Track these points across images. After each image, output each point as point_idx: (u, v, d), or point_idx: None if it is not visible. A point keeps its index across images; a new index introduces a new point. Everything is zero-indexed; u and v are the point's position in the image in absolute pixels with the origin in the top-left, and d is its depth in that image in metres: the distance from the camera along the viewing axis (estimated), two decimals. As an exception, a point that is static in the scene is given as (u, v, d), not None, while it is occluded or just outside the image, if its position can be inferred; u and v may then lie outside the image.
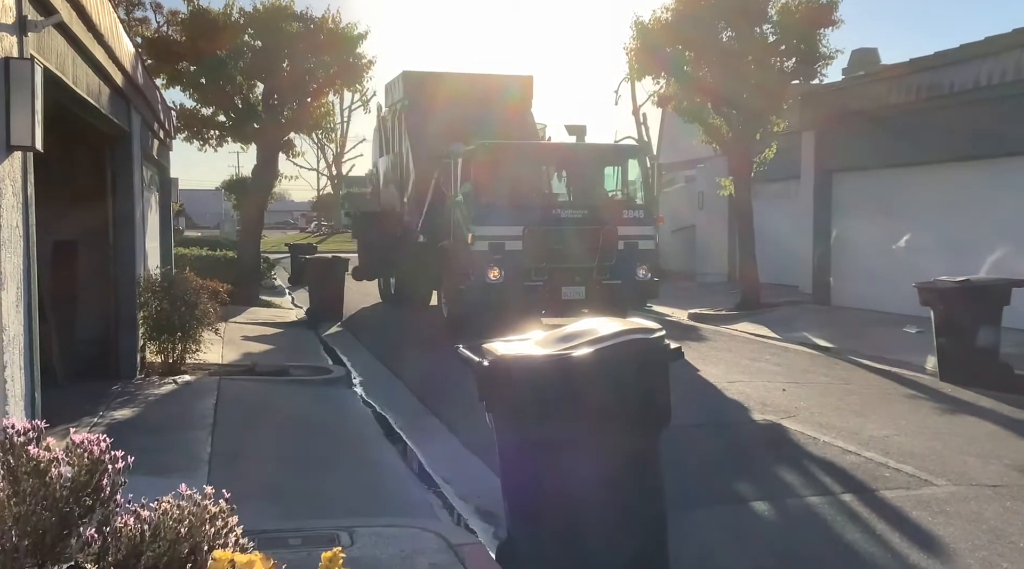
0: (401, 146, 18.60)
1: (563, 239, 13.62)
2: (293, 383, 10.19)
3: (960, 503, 6.00)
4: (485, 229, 13.54)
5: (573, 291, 13.66)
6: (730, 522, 5.72)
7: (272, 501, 5.60)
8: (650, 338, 4.27)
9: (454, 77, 18.70)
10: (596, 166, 15.42)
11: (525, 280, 13.43)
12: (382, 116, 20.81)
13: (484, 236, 13.52)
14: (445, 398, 9.35)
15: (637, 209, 14.56)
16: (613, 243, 13.85)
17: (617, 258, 13.89)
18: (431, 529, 5.02)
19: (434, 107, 17.39)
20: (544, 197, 15.02)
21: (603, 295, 13.66)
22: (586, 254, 13.75)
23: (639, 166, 15.13)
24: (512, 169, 14.56)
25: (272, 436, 7.64)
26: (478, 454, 7.07)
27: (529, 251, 13.45)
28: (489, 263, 13.32)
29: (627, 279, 13.93)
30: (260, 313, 17.32)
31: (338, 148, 65.18)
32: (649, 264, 14.19)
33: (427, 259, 16.15)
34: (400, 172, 18.61)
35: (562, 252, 13.60)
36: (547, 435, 4.13)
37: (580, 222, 13.87)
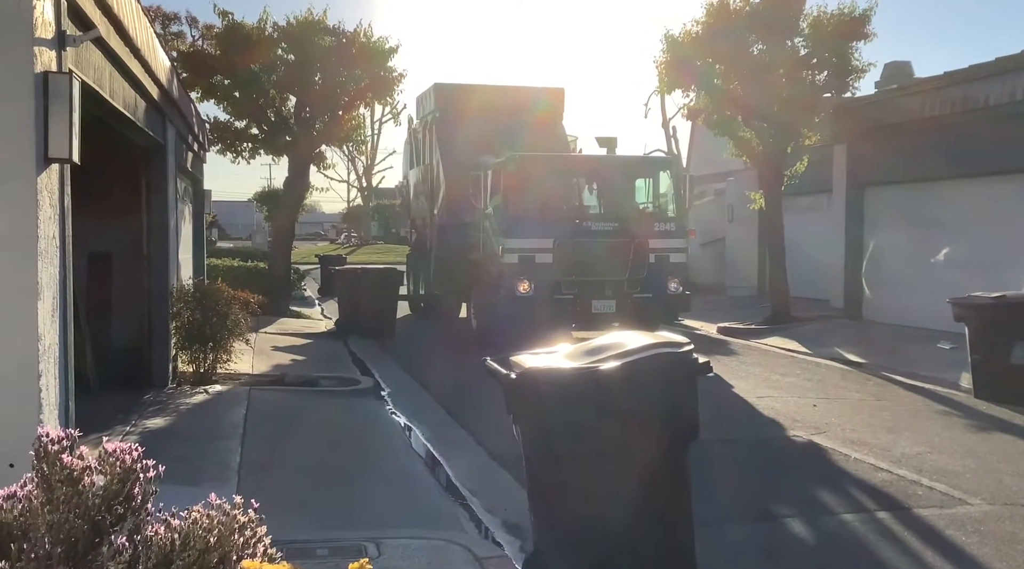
0: (432, 158, 18.58)
1: (593, 252, 13.55)
2: (322, 394, 10.25)
3: (995, 523, 5.89)
4: (515, 242, 13.55)
5: (603, 304, 13.59)
6: (760, 539, 5.66)
7: (300, 511, 5.62)
8: (678, 352, 4.25)
9: (485, 89, 18.68)
10: (627, 178, 15.30)
11: (555, 293, 13.40)
12: (413, 128, 20.80)
13: (514, 249, 13.53)
14: (473, 410, 9.35)
15: (668, 222, 14.45)
16: (644, 256, 13.78)
17: (648, 271, 13.82)
18: (458, 542, 5.02)
19: (465, 119, 17.39)
20: (574, 210, 14.91)
21: (634, 309, 13.57)
22: (617, 267, 13.70)
23: (670, 178, 15.05)
24: (542, 181, 14.51)
25: (301, 446, 7.69)
26: (505, 467, 7.05)
27: (559, 264, 13.43)
28: (519, 276, 13.34)
29: (658, 293, 13.88)
30: (290, 324, 17.45)
31: (368, 160, 65.54)
32: (680, 277, 14.14)
33: (457, 271, 16.17)
34: (431, 184, 18.63)
35: (592, 265, 13.54)
36: (574, 449, 4.11)
37: (611, 235, 13.79)
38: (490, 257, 14.08)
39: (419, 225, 20.28)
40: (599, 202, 15.38)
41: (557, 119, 18.91)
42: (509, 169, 14.04)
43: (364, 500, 6.12)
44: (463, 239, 15.91)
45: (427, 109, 19.19)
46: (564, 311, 13.45)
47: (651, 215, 14.65)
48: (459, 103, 17.87)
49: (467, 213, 15.63)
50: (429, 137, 18.80)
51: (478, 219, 14.88)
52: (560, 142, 18.23)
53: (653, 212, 14.83)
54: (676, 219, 14.64)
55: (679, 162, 21.84)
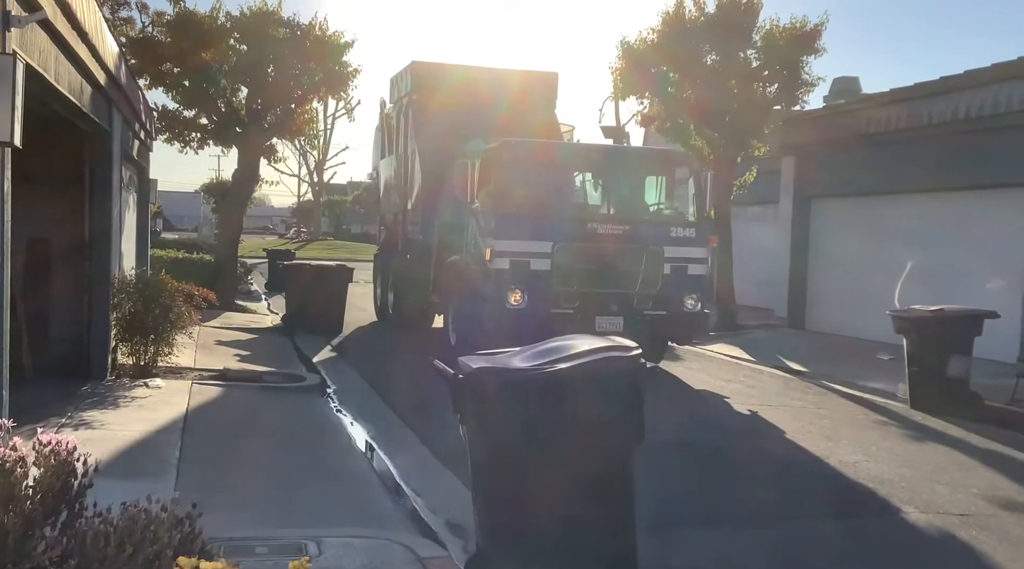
0: (406, 146, 16.42)
1: (600, 259, 11.74)
2: (266, 390, 10.12)
3: (928, 531, 6.05)
4: (507, 244, 11.63)
5: (609, 322, 11.54)
6: (695, 544, 5.72)
7: (240, 509, 5.54)
8: (626, 356, 4.28)
9: (468, 70, 16.48)
10: (640, 174, 13.27)
11: (552, 307, 11.38)
12: (385, 113, 18.48)
13: (505, 252, 11.61)
14: (420, 409, 9.30)
15: (687, 227, 12.39)
16: (658, 266, 11.93)
17: (663, 284, 11.93)
18: (400, 541, 4.98)
19: (446, 103, 15.17)
20: (578, 208, 13.04)
21: (645, 328, 11.54)
22: (626, 278, 11.85)
23: (690, 176, 13.00)
24: (541, 173, 12.69)
25: (242, 443, 7.58)
26: (451, 467, 7.02)
27: (558, 272, 11.58)
28: (510, 285, 11.45)
29: (673, 310, 12.00)
30: (235, 318, 17.19)
31: (320, 155, 65.05)
32: (699, 293, 12.24)
33: (434, 276, 14.21)
34: (404, 176, 16.51)
35: (598, 275, 11.69)
36: (520, 450, 4.12)
37: (620, 240, 11.88)
38: (475, 261, 12.19)
39: (390, 222, 18.10)
40: (607, 201, 13.03)
41: (550, 106, 16.79)
42: (502, 157, 12.08)
43: (306, 498, 6.05)
44: (442, 239, 14.03)
45: (402, 91, 17.00)
46: (562, 328, 11.26)
47: (668, 218, 12.70)
48: (439, 85, 15.64)
49: (447, 209, 13.82)
50: (404, 123, 16.67)
51: (461, 216, 12.89)
52: (554, 132, 16.14)
53: (670, 215, 12.86)
54: (696, 224, 12.54)
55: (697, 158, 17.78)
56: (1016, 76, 13.37)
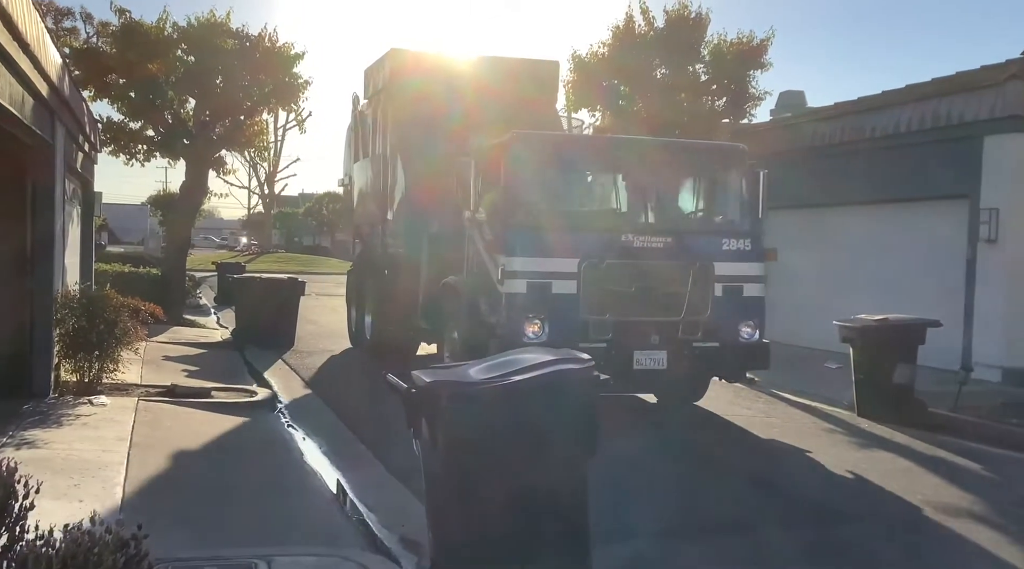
0: (386, 147, 14.18)
1: (638, 280, 9.57)
2: (215, 406, 9.94)
3: (873, 540, 6.15)
4: (522, 261, 9.35)
5: (650, 357, 9.45)
6: (645, 553, 5.75)
7: (188, 528, 5.43)
8: (580, 369, 4.30)
9: (456, 60, 14.35)
10: (684, 172, 10.91)
11: (580, 339, 8.97)
12: (359, 111, 16.16)
13: (520, 272, 9.32)
14: (374, 424, 9.23)
15: (741, 237, 10.11)
16: (708, 287, 9.73)
17: (713, 309, 9.72)
18: (353, 559, 4.93)
19: (431, 96, 13.05)
20: (610, 217, 10.61)
21: (693, 363, 9.66)
22: (670, 303, 9.64)
23: (744, 176, 10.57)
24: (563, 174, 10.71)
25: (191, 461, 7.43)
26: (405, 482, 6.97)
27: (588, 296, 9.33)
28: (527, 313, 9.24)
29: (727, 340, 9.82)
30: (184, 333, 16.89)
31: (271, 167, 64.38)
32: (757, 319, 9.99)
33: (422, 298, 12.07)
34: (384, 180, 14.20)
35: (635, 299, 9.53)
36: (474, 464, 4.10)
37: (662, 255, 9.69)
38: (479, 282, 10.03)
39: (366, 234, 15.78)
40: (645, 206, 10.56)
41: (551, 101, 14.80)
42: (514, 155, 9.85)
43: (256, 516, 5.96)
44: (433, 254, 11.95)
45: (379, 84, 14.74)
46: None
47: (717, 227, 10.47)
48: (422, 76, 13.47)
49: (438, 219, 11.91)
50: (382, 120, 14.42)
51: (458, 227, 10.76)
52: (556, 129, 14.29)
53: (721, 223, 10.59)
54: (751, 233, 10.24)
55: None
56: (953, 91, 13.76)
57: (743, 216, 10.46)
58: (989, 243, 13.18)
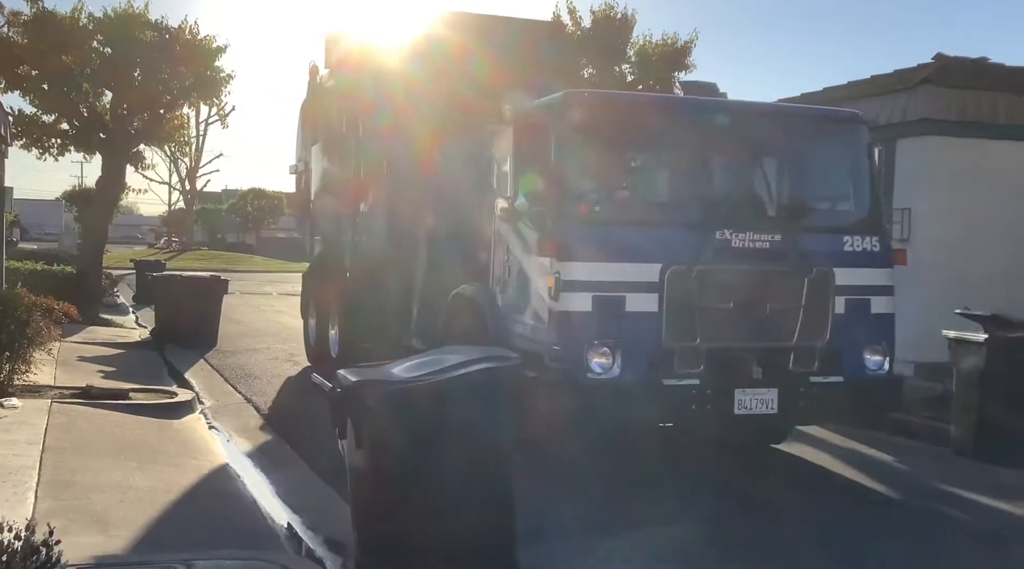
0: (361, 124, 11.35)
1: (738, 292, 7.14)
2: (133, 407, 9.67)
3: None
4: (587, 269, 6.95)
5: (757, 398, 7.07)
6: (571, 551, 5.80)
7: (104, 533, 5.28)
8: (506, 366, 4.32)
9: (452, 15, 10.89)
10: (794, 148, 8.28)
11: (664, 375, 6.91)
12: (320, 81, 13.43)
13: (584, 282, 6.90)
14: (299, 425, 9.11)
15: (867, 235, 7.65)
16: (827, 301, 7.32)
17: (834, 331, 7.32)
18: (276, 561, 4.85)
19: (427, 58, 10.03)
20: (701, 207, 7.55)
21: (809, 405, 7.36)
22: (779, 323, 7.25)
23: (866, 153, 8.09)
24: (638, 148, 8.30)
25: (108, 464, 7.21)
26: (331, 483, 6.89)
27: (675, 316, 6.95)
28: (593, 339, 6.84)
29: (852, 373, 7.43)
30: (100, 332, 16.39)
31: (192, 162, 62.94)
32: (886, 343, 7.61)
33: (416, 311, 9.71)
34: (356, 166, 11.56)
35: (735, 319, 7.13)
36: (399, 464, 4.09)
37: (770, 258, 7.27)
38: (517, 296, 7.60)
39: (329, 230, 13.04)
40: (745, 194, 7.81)
41: (572, 67, 12.33)
42: (571, 121, 7.31)
43: (176, 520, 5.82)
44: (433, 256, 9.51)
45: (350, 48, 12.24)
46: (683, 411, 6.98)
47: (838, 221, 7.95)
48: (409, 35, 10.63)
49: (436, 210, 9.51)
50: (354, 91, 11.58)
51: (471, 221, 8.60)
52: None
53: (841, 215, 8.13)
54: (878, 229, 7.85)
55: None
56: (868, 94, 14.19)
57: (866, 206, 7.97)
58: (902, 242, 13.65)
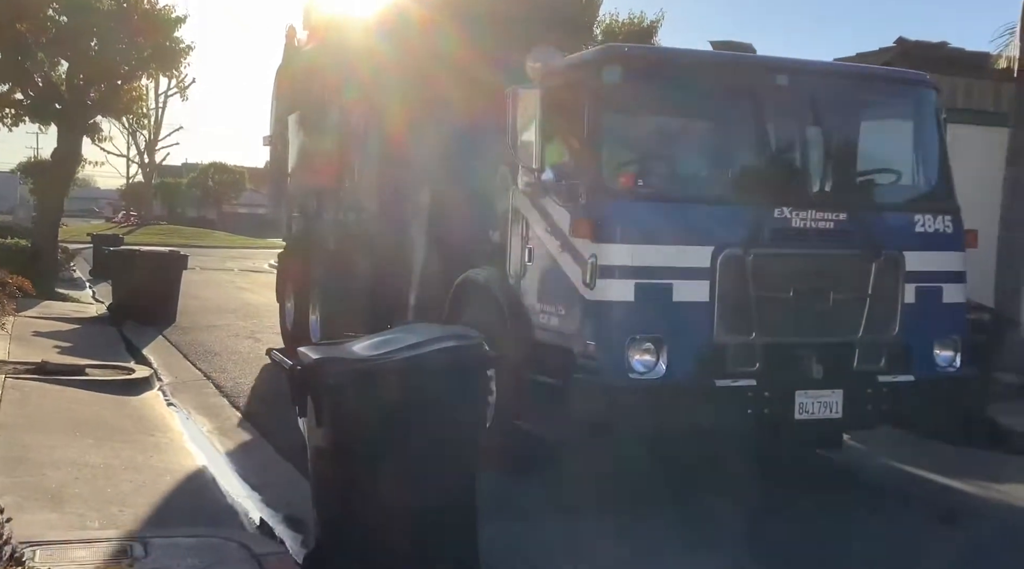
0: (345, 88, 10.30)
1: (799, 279, 6.27)
2: (90, 383, 9.52)
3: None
4: (629, 252, 6.05)
5: (819, 401, 6.20)
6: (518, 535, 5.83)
7: (58, 510, 5.20)
8: (468, 344, 4.30)
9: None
10: (858, 114, 7.38)
11: (715, 375, 6.05)
12: (297, 44, 12.68)
13: (625, 268, 6.02)
14: (260, 402, 9.05)
15: (939, 214, 6.78)
16: (896, 289, 6.48)
17: (903, 323, 6.49)
18: (235, 539, 4.82)
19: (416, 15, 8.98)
20: (757, 181, 6.67)
21: (878, 408, 6.45)
22: (842, 315, 6.38)
23: (935, 120, 7.13)
24: (686, 114, 7.25)
25: (63, 440, 7.10)
26: (291, 461, 6.86)
27: (728, 306, 6.09)
28: (634, 333, 5.97)
29: (924, 371, 6.58)
30: (56, 307, 16.09)
31: (151, 135, 61.76)
32: (958, 336, 6.76)
33: (415, 298, 8.56)
34: (341, 135, 10.50)
35: (795, 310, 6.26)
36: (359, 442, 4.06)
37: (834, 240, 6.42)
38: (543, 283, 6.65)
39: (309, 206, 11.82)
40: (804, 166, 6.85)
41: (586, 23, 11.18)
42: (610, 81, 6.34)
43: (133, 498, 5.74)
44: (432, 237, 8.43)
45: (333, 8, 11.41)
46: (736, 418, 6.10)
47: (907, 198, 7.12)
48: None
49: (435, 183, 8.41)
50: (339, 53, 10.66)
51: (479, 196, 7.64)
52: None
53: (909, 191, 7.19)
54: (947, 205, 6.90)
55: None
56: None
57: (937, 181, 7.08)
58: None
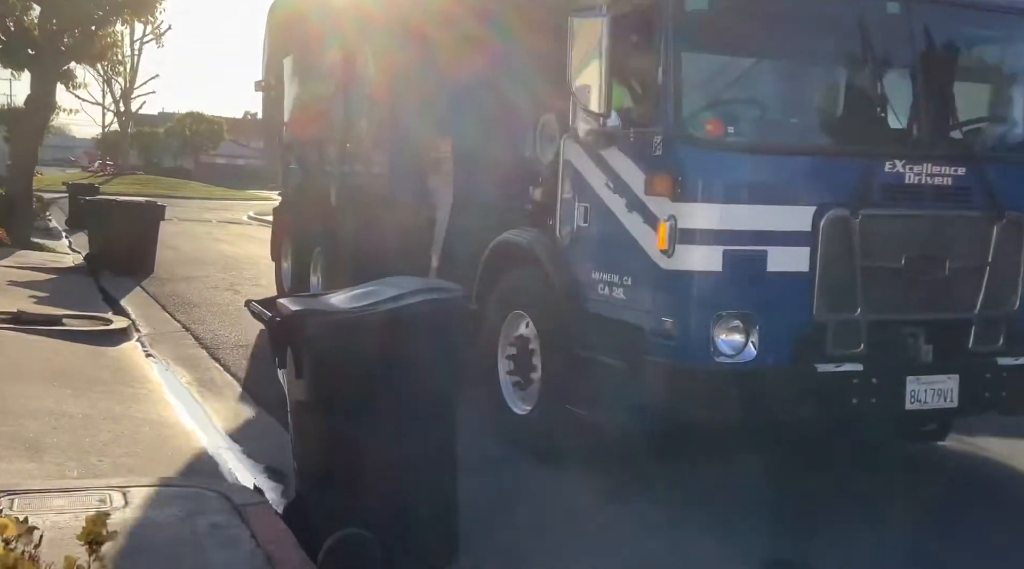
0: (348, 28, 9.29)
1: (913, 245, 5.39)
2: (67, 334, 9.44)
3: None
4: (715, 213, 5.14)
5: (933, 387, 5.40)
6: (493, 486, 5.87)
7: (37, 460, 5.19)
8: (449, 297, 4.29)
9: None
10: (980, 53, 6.44)
11: (817, 359, 5.20)
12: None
13: (708, 232, 5.12)
14: (239, 353, 9.03)
15: None
16: (1019, 257, 5.69)
17: None
18: (215, 489, 4.83)
19: None
20: (867, 131, 5.66)
21: (996, 395, 5.64)
22: (959, 287, 5.55)
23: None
24: (784, 47, 5.99)
25: (40, 390, 7.06)
26: (272, 413, 6.86)
27: (830, 278, 5.21)
28: (720, 310, 5.09)
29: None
30: (32, 257, 15.92)
31: (127, 83, 60.62)
32: None
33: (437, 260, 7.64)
34: (348, 78, 9.42)
35: (903, 281, 5.38)
36: (340, 394, 4.06)
37: (951, 198, 5.49)
38: (604, 248, 5.72)
39: (308, 159, 10.96)
40: (919, 112, 5.61)
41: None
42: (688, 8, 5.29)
43: (111, 448, 5.74)
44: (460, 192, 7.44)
45: None
46: (840, 407, 5.26)
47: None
48: None
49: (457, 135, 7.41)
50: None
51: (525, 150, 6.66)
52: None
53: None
54: None
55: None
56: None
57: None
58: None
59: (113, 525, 3.22)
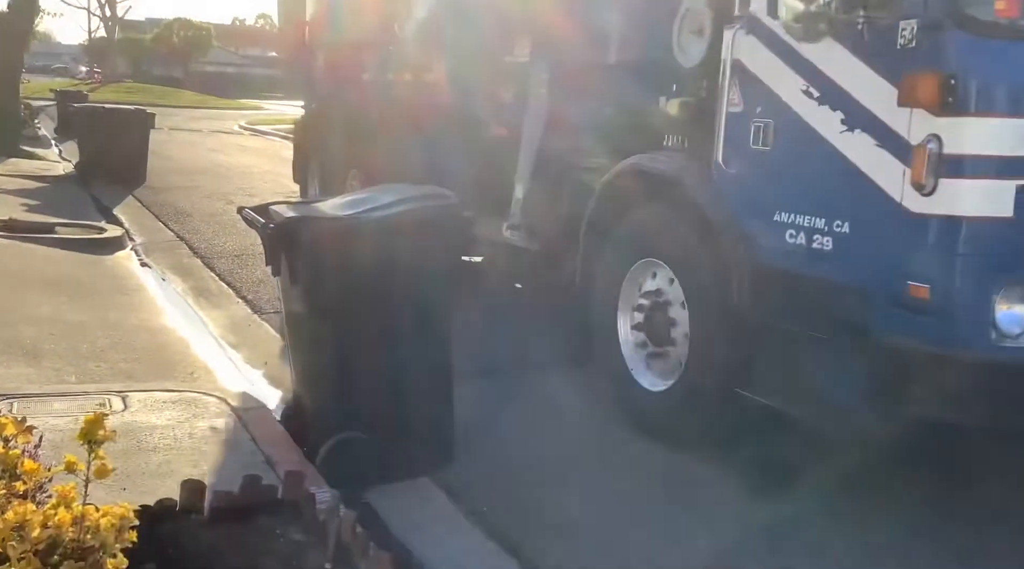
0: None
1: None
2: (60, 242, 9.39)
3: None
4: (998, 131, 3.44)
5: None
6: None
7: (35, 365, 5.21)
8: (445, 204, 4.26)
9: None
10: None
11: None
12: None
13: (990, 161, 3.45)
14: (234, 261, 9.01)
15: None
16: None
17: None
18: (214, 394, 4.87)
19: None
20: None
21: None
22: None
23: None
24: None
25: (36, 297, 7.06)
26: (268, 320, 6.89)
27: None
28: (1009, 272, 3.49)
29: None
30: (21, 165, 15.74)
31: (113, -13, 58.98)
32: None
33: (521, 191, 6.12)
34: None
35: None
36: (336, 300, 4.06)
37: None
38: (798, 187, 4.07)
39: (342, 69, 9.26)
40: None
41: None
42: None
43: (109, 354, 5.76)
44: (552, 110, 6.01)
45: None
46: None
47: None
48: None
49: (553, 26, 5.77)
50: None
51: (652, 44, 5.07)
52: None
53: None
54: None
55: None
56: None
57: None
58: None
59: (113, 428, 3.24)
